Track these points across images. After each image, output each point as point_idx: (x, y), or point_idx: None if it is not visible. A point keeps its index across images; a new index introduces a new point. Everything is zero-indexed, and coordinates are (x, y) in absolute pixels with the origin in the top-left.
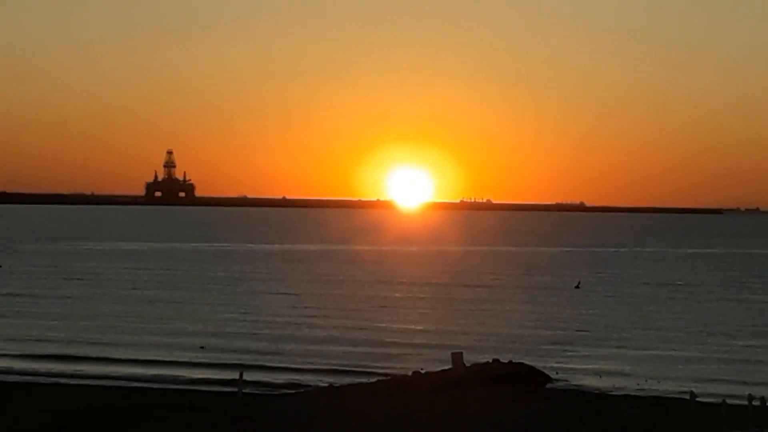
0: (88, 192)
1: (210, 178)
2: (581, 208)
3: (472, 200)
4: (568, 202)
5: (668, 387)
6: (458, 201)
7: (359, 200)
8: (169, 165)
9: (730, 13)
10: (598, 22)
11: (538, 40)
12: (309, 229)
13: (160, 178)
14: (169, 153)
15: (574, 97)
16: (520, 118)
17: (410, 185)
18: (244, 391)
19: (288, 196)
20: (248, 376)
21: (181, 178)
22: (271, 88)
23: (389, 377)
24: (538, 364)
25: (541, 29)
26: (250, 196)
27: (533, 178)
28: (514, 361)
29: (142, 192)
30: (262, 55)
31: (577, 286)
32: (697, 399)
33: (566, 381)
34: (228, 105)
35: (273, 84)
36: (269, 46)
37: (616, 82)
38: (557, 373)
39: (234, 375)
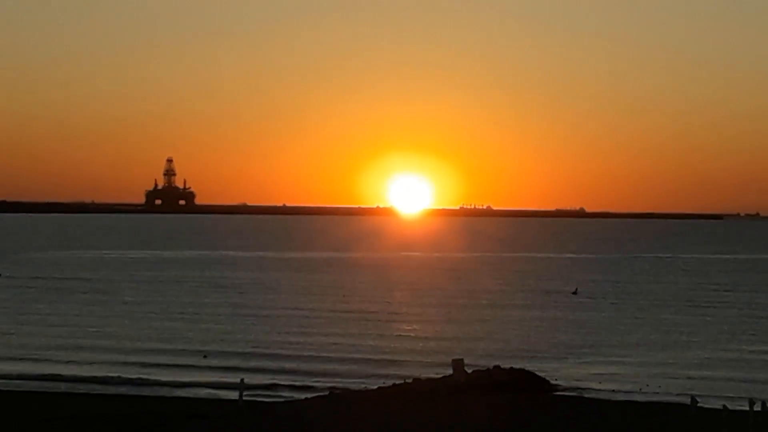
0: (88, 200)
1: (210, 186)
2: (581, 214)
3: (472, 207)
4: (569, 208)
5: (669, 392)
6: (458, 207)
7: (359, 207)
8: (169, 173)
9: (732, 18)
10: (598, 29)
11: (539, 48)
12: (309, 237)
13: (160, 186)
14: (169, 161)
15: (574, 104)
16: (520, 125)
17: (410, 192)
18: (244, 398)
19: (288, 204)
20: (249, 384)
21: (181, 185)
22: (271, 95)
23: (390, 384)
24: (539, 370)
25: (541, 37)
26: (250, 203)
27: (533, 184)
28: (514, 367)
29: (142, 200)
30: (262, 62)
31: (574, 292)
32: (698, 404)
33: (567, 387)
34: (227, 112)
35: (272, 91)
36: (269, 54)
37: (617, 89)
38: (557, 380)
39: (235, 383)
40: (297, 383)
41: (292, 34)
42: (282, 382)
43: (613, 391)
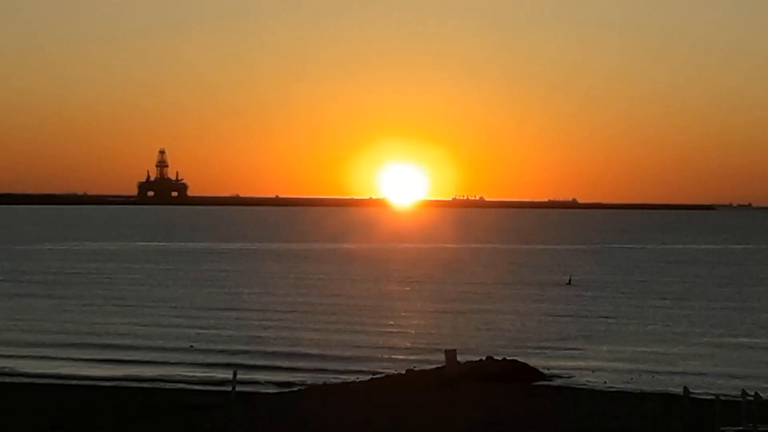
0: (80, 192)
1: (202, 178)
2: (574, 204)
3: (465, 198)
4: (561, 199)
5: (662, 383)
6: (451, 198)
7: (352, 198)
8: (162, 164)
9: (723, 8)
10: (595, 22)
11: (532, 38)
12: (302, 228)
13: (152, 178)
14: (162, 152)
15: (567, 95)
16: (513, 116)
17: (403, 183)
18: (237, 389)
19: (280, 195)
20: (241, 375)
21: (173, 177)
22: (263, 86)
23: (383, 375)
24: (531, 361)
25: (534, 27)
26: (242, 195)
27: (526, 175)
28: (507, 358)
29: (134, 192)
30: (253, 54)
31: (568, 282)
32: (691, 395)
33: (559, 378)
34: (220, 104)
35: (264, 83)
36: (260, 45)
37: (609, 80)
38: (550, 370)
39: (227, 374)
40: (289, 374)
41: (281, 24)
42: (274, 374)
43: (606, 381)
